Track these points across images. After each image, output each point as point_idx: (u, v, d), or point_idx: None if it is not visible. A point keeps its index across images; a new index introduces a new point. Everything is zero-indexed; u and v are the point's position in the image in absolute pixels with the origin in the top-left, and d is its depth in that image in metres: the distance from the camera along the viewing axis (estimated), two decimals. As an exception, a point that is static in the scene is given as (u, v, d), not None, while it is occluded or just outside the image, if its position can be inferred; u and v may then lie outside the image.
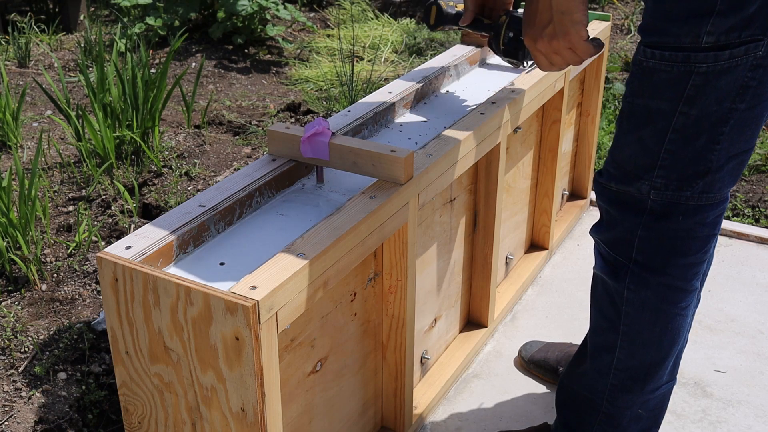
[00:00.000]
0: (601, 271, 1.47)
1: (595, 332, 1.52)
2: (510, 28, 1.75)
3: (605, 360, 1.50)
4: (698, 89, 1.23)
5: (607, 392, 1.51)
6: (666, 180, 1.32)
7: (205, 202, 1.39)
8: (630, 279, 1.40)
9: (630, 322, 1.44)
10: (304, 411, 1.44)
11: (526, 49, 1.76)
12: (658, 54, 1.24)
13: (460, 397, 1.90)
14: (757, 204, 2.79)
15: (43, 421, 1.83)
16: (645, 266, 1.39)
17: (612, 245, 1.42)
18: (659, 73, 1.25)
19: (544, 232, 2.39)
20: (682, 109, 1.25)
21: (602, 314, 1.49)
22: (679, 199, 1.32)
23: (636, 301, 1.41)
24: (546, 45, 1.33)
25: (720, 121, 1.25)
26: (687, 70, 1.22)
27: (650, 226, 1.36)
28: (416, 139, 1.75)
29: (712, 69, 1.21)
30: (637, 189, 1.35)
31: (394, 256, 1.53)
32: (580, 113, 2.55)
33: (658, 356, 1.46)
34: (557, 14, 1.28)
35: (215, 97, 3.81)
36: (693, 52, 1.21)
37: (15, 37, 4.21)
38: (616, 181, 1.38)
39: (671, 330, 1.44)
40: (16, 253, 2.34)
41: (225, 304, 1.12)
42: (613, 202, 1.40)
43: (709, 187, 1.31)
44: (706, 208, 1.33)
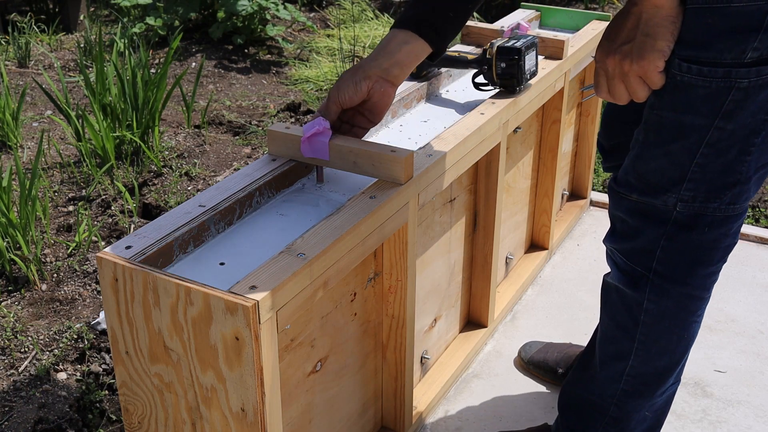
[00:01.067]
0: (617, 281, 1.44)
1: (608, 341, 1.50)
2: (501, 59, 1.80)
3: (618, 367, 1.48)
4: (737, 104, 1.20)
5: (617, 397, 1.50)
6: (694, 192, 1.28)
7: (205, 202, 1.39)
8: (650, 290, 1.37)
9: (647, 331, 1.42)
10: (304, 411, 1.44)
11: (521, 76, 1.81)
12: (696, 69, 1.20)
13: (460, 397, 1.90)
14: (757, 204, 2.79)
15: (43, 421, 1.83)
16: (666, 277, 1.36)
17: (630, 255, 1.39)
18: (696, 88, 1.21)
19: (544, 232, 2.39)
20: (718, 125, 1.22)
21: (616, 323, 1.47)
22: (707, 211, 1.29)
23: (655, 311, 1.39)
24: (616, 63, 1.25)
25: (753, 133, 1.23)
26: (727, 85, 1.19)
27: (674, 237, 1.32)
28: (416, 139, 1.75)
29: (754, 84, 1.18)
30: (663, 201, 1.31)
31: (394, 256, 1.53)
32: (580, 113, 2.55)
33: (672, 362, 1.45)
34: (641, 35, 1.21)
35: (215, 97, 3.81)
36: (735, 67, 1.17)
37: (15, 37, 4.21)
38: (638, 193, 1.34)
39: (687, 337, 1.43)
40: (16, 253, 2.34)
41: (225, 304, 1.12)
42: (633, 212, 1.36)
43: (736, 198, 1.29)
44: (731, 219, 1.31)
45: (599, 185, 2.95)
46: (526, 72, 1.84)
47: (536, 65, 1.89)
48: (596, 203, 2.74)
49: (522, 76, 1.82)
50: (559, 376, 1.91)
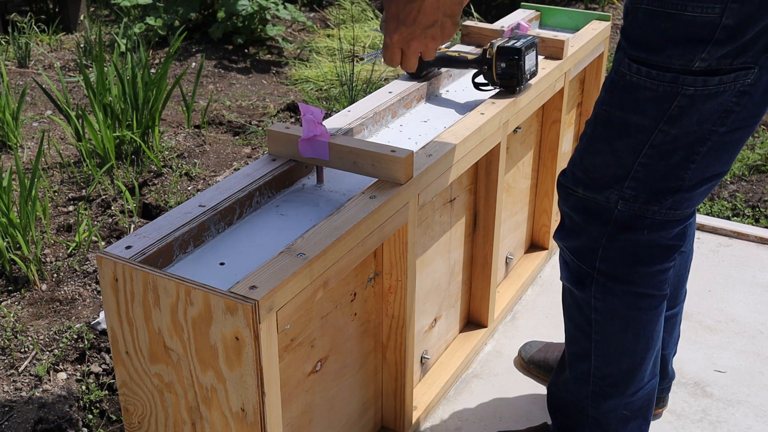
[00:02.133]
0: (567, 281, 1.46)
1: (570, 341, 1.52)
2: (501, 59, 1.80)
3: (583, 368, 1.50)
4: (682, 110, 1.22)
5: (590, 399, 1.51)
6: (636, 192, 1.31)
7: (205, 202, 1.39)
8: (596, 288, 1.40)
9: (600, 330, 1.44)
10: (304, 411, 1.44)
11: (521, 76, 1.82)
12: (645, 71, 1.22)
13: (460, 397, 1.90)
14: (757, 204, 2.79)
15: (43, 421, 1.83)
16: (609, 275, 1.38)
17: (577, 253, 1.41)
18: (643, 90, 1.23)
19: (544, 232, 2.39)
20: (663, 128, 1.24)
21: (574, 323, 1.49)
22: (646, 213, 1.32)
23: (604, 309, 1.41)
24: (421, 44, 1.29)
25: (698, 141, 1.24)
26: (673, 91, 1.21)
27: (614, 237, 1.35)
28: (416, 139, 1.75)
29: (700, 93, 1.20)
30: (606, 198, 1.33)
31: (394, 256, 1.53)
32: (580, 113, 2.55)
33: (633, 362, 1.46)
34: (443, 16, 1.25)
35: (215, 97, 3.81)
36: (682, 74, 1.19)
37: (15, 37, 4.21)
38: (584, 187, 1.36)
39: (644, 336, 1.43)
40: (16, 253, 2.34)
41: (225, 304, 1.12)
42: (578, 209, 1.38)
43: (677, 204, 1.31)
44: (672, 223, 1.33)
45: (599, 185, 2.95)
46: (526, 72, 1.84)
47: (536, 65, 1.89)
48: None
49: (522, 76, 1.82)
50: None
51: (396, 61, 1.32)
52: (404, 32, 1.27)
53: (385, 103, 1.81)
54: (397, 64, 1.33)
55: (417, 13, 1.24)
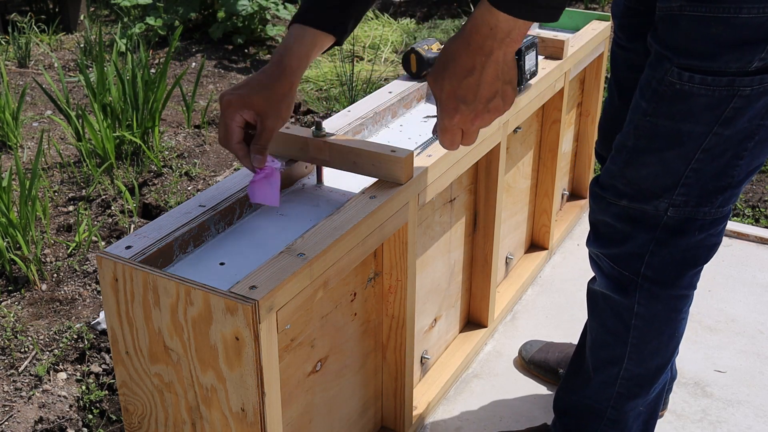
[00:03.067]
0: (604, 287, 1.43)
1: (600, 347, 1.49)
2: None
3: (611, 372, 1.48)
4: (737, 111, 1.19)
5: (613, 400, 1.50)
6: (686, 197, 1.28)
7: (205, 202, 1.39)
8: (640, 294, 1.37)
9: (639, 335, 1.42)
10: (304, 411, 1.44)
11: (521, 76, 1.81)
12: (699, 78, 1.17)
13: (460, 397, 1.90)
14: (757, 204, 2.79)
15: (43, 421, 1.83)
16: (656, 281, 1.35)
17: (618, 260, 1.38)
18: (697, 97, 1.19)
19: (544, 232, 2.39)
20: (717, 131, 1.21)
21: (606, 329, 1.46)
22: (698, 215, 1.29)
23: (647, 315, 1.39)
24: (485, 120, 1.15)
25: (746, 138, 1.22)
26: (730, 94, 1.17)
27: (664, 242, 1.32)
28: (416, 139, 1.75)
29: (756, 91, 1.17)
30: (654, 207, 1.30)
31: (394, 256, 1.53)
32: (580, 113, 2.55)
33: (664, 360, 1.46)
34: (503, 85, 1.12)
35: (215, 97, 3.81)
36: (739, 76, 1.16)
37: (15, 37, 4.21)
38: (629, 199, 1.32)
39: (677, 335, 1.44)
40: (16, 253, 2.34)
41: (225, 304, 1.12)
42: (621, 217, 1.35)
43: (727, 201, 1.29)
44: (719, 220, 1.32)
45: (599, 185, 2.95)
46: (526, 72, 1.84)
47: (536, 65, 1.89)
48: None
49: (522, 76, 1.82)
50: (560, 376, 1.91)
51: (457, 143, 1.18)
52: (465, 111, 1.13)
53: (385, 103, 1.81)
54: (458, 146, 1.19)
55: (477, 87, 1.10)
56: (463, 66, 1.10)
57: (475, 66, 1.09)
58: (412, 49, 1.92)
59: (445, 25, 4.79)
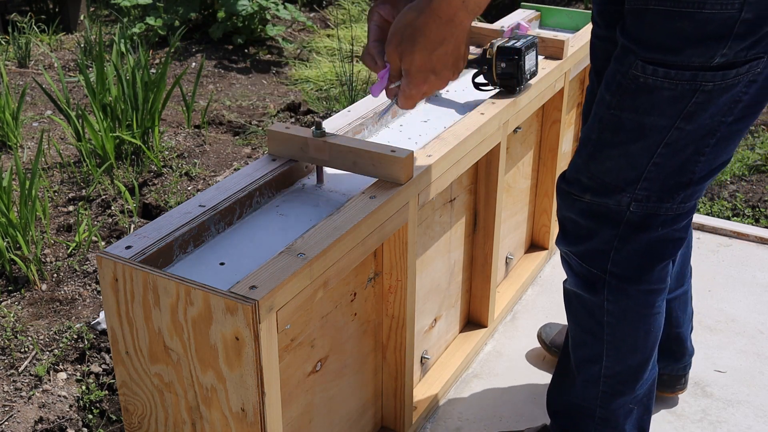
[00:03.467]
0: (574, 286, 1.44)
1: (578, 346, 1.51)
2: (501, 59, 1.80)
3: (593, 371, 1.49)
4: (699, 106, 1.21)
5: (599, 399, 1.51)
6: (648, 192, 1.30)
7: (205, 202, 1.39)
8: (608, 291, 1.38)
9: (613, 331, 1.43)
10: (304, 411, 1.44)
11: (521, 76, 1.82)
12: (662, 72, 1.19)
13: (460, 397, 1.90)
14: (757, 204, 2.79)
15: (43, 421, 1.83)
16: (622, 277, 1.37)
17: (585, 257, 1.39)
18: (661, 90, 1.21)
19: (544, 232, 2.39)
20: (679, 125, 1.23)
21: (582, 328, 1.48)
22: (659, 211, 1.31)
23: (617, 311, 1.40)
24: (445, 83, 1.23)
25: (708, 134, 1.24)
26: (692, 88, 1.19)
27: (627, 238, 1.33)
28: (416, 139, 1.75)
29: (718, 87, 1.19)
30: (617, 201, 1.32)
31: (394, 256, 1.53)
32: (580, 113, 2.55)
33: (643, 358, 1.46)
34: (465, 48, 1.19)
35: (215, 97, 3.81)
36: (702, 71, 1.18)
37: (15, 37, 4.21)
38: (592, 193, 1.34)
39: (652, 330, 1.45)
40: (16, 253, 2.34)
41: (225, 304, 1.12)
42: (585, 213, 1.36)
43: (689, 197, 1.31)
44: (682, 216, 1.33)
45: (599, 185, 2.95)
46: (526, 72, 1.84)
47: (536, 65, 1.89)
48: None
49: (522, 76, 1.82)
50: None
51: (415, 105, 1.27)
52: (434, 80, 1.21)
53: (385, 102, 1.81)
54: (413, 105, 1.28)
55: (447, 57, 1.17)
56: (433, 39, 1.14)
57: (445, 37, 1.13)
58: None
59: (445, 25, 4.79)
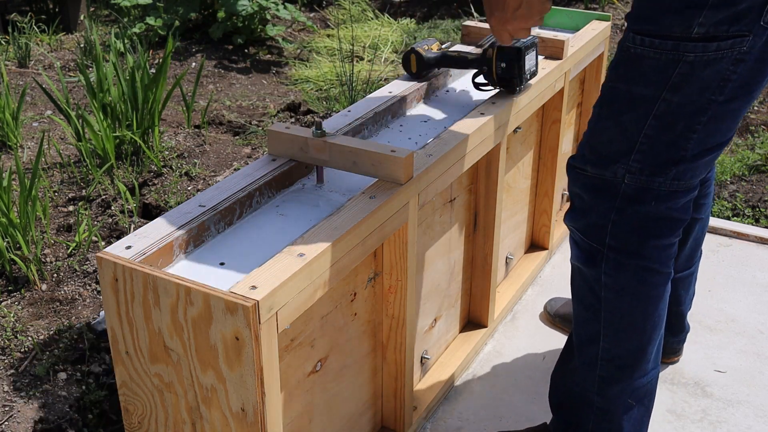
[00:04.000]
0: (577, 260, 1.50)
1: (579, 324, 1.55)
2: (500, 59, 1.81)
3: (591, 352, 1.52)
4: (683, 77, 1.27)
5: (597, 385, 1.53)
6: (641, 165, 1.36)
7: (205, 202, 1.39)
8: (606, 264, 1.44)
9: (610, 308, 1.47)
10: (304, 411, 1.44)
11: (521, 76, 1.83)
12: (648, 41, 1.28)
13: (460, 397, 1.90)
14: (757, 204, 2.79)
15: (43, 421, 1.83)
16: (619, 250, 1.42)
17: (586, 232, 1.45)
18: (647, 59, 1.29)
19: (544, 232, 2.39)
20: (666, 96, 1.30)
21: (583, 305, 1.52)
22: (652, 185, 1.36)
23: (614, 285, 1.44)
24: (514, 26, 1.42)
25: (699, 111, 1.30)
26: (675, 58, 1.27)
27: (623, 210, 1.40)
28: (416, 139, 1.75)
29: (699, 59, 1.26)
30: (613, 173, 1.38)
31: (394, 256, 1.53)
32: (580, 113, 2.55)
33: (642, 341, 1.49)
34: None
35: (215, 97, 3.81)
36: (683, 41, 1.26)
37: (15, 37, 4.21)
38: (591, 165, 1.41)
39: (651, 314, 1.47)
40: (16, 253, 2.34)
41: (225, 304, 1.12)
42: (587, 187, 1.43)
43: (681, 174, 1.36)
44: (677, 194, 1.38)
45: (599, 185, 2.95)
46: (526, 72, 1.84)
47: (536, 65, 1.89)
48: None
49: (522, 76, 1.82)
50: None
51: (507, 39, 1.47)
52: (498, 17, 1.42)
53: (385, 103, 1.81)
54: (510, 41, 1.48)
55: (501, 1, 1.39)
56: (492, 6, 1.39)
57: None
58: (412, 49, 1.92)
59: (445, 25, 4.79)
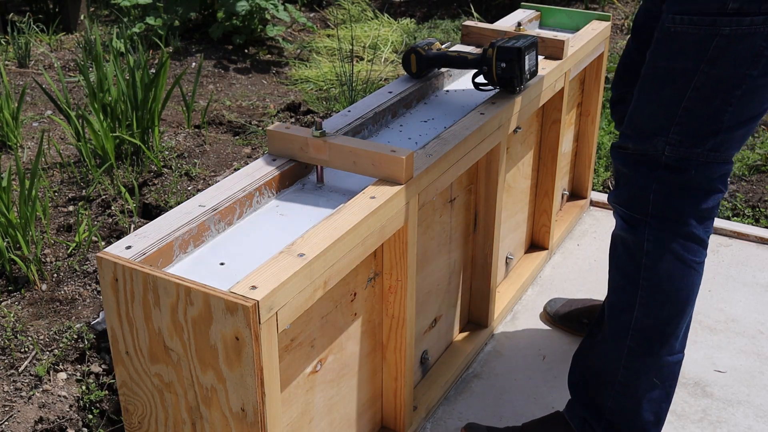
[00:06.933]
0: (620, 230, 1.56)
1: (614, 293, 1.60)
2: (500, 59, 1.81)
3: (623, 320, 1.56)
4: (720, 50, 1.36)
5: (624, 357, 1.57)
6: (681, 136, 1.43)
7: (205, 202, 1.39)
8: (648, 231, 1.50)
9: (649, 275, 1.52)
10: (304, 411, 1.44)
11: (521, 76, 1.83)
12: (687, 19, 1.37)
13: (460, 397, 1.90)
14: (757, 204, 2.79)
15: (43, 421, 1.83)
16: (661, 217, 1.49)
17: (629, 204, 1.52)
18: (686, 35, 1.38)
19: (544, 232, 2.39)
20: (704, 69, 1.39)
21: (621, 273, 1.57)
22: (692, 155, 1.44)
23: (655, 252, 1.51)
24: None
25: (734, 86, 1.39)
26: (712, 32, 1.36)
27: (664, 180, 1.47)
28: (416, 139, 1.75)
29: (734, 32, 1.35)
30: (653, 146, 1.46)
31: (394, 256, 1.53)
32: (580, 113, 2.55)
33: (674, 312, 1.53)
34: None
35: (215, 97, 3.81)
36: (719, 16, 1.34)
37: (15, 37, 4.21)
38: (633, 141, 1.49)
39: (687, 285, 1.53)
40: (16, 253, 2.34)
41: (225, 304, 1.12)
42: (628, 162, 1.51)
43: (718, 146, 1.43)
44: (715, 165, 1.45)
45: (599, 185, 2.95)
46: (526, 72, 1.84)
47: (536, 65, 1.89)
48: (596, 203, 2.74)
49: (522, 76, 1.82)
50: (584, 326, 2.05)
51: None
52: None
53: (385, 103, 1.81)
54: None
55: None
56: None
57: None
58: (412, 49, 1.92)
59: (445, 25, 4.79)
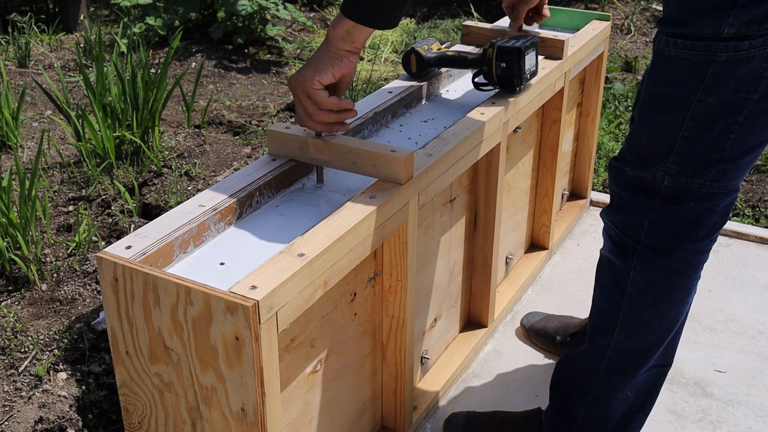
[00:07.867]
0: (608, 252, 1.51)
1: (597, 312, 1.56)
2: (500, 59, 1.81)
3: (604, 341, 1.53)
4: (717, 78, 1.28)
5: (601, 374, 1.54)
6: (680, 166, 1.36)
7: (205, 202, 1.39)
8: (637, 260, 1.44)
9: (632, 303, 1.47)
10: (304, 411, 1.44)
11: (521, 76, 1.83)
12: (680, 43, 1.29)
13: (460, 397, 1.90)
14: (757, 204, 2.79)
15: (43, 421, 1.83)
16: (652, 248, 1.43)
17: (622, 227, 1.46)
18: (680, 61, 1.30)
19: (544, 232, 2.39)
20: (701, 97, 1.30)
21: (605, 294, 1.53)
22: (692, 186, 1.37)
23: (641, 282, 1.45)
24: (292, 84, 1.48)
25: (735, 111, 1.30)
26: (707, 58, 1.27)
27: (661, 210, 1.40)
28: (416, 139, 1.75)
29: (732, 58, 1.26)
30: (652, 174, 1.39)
31: (394, 256, 1.53)
32: (580, 113, 2.55)
33: (655, 340, 1.50)
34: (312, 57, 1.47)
35: (215, 97, 3.81)
36: (714, 41, 1.26)
37: (15, 37, 4.21)
38: (631, 166, 1.42)
39: (671, 315, 1.48)
40: (16, 253, 2.34)
41: (225, 304, 1.12)
42: (626, 186, 1.44)
43: (721, 176, 1.35)
44: (717, 196, 1.38)
45: (599, 185, 2.95)
46: (526, 72, 1.84)
47: (536, 65, 1.89)
48: (596, 203, 2.74)
49: (522, 76, 1.82)
50: (557, 343, 2.01)
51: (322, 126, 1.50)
52: None
53: (385, 103, 1.81)
54: None
55: None
56: None
57: None
58: (412, 49, 1.92)
59: (445, 25, 4.79)
